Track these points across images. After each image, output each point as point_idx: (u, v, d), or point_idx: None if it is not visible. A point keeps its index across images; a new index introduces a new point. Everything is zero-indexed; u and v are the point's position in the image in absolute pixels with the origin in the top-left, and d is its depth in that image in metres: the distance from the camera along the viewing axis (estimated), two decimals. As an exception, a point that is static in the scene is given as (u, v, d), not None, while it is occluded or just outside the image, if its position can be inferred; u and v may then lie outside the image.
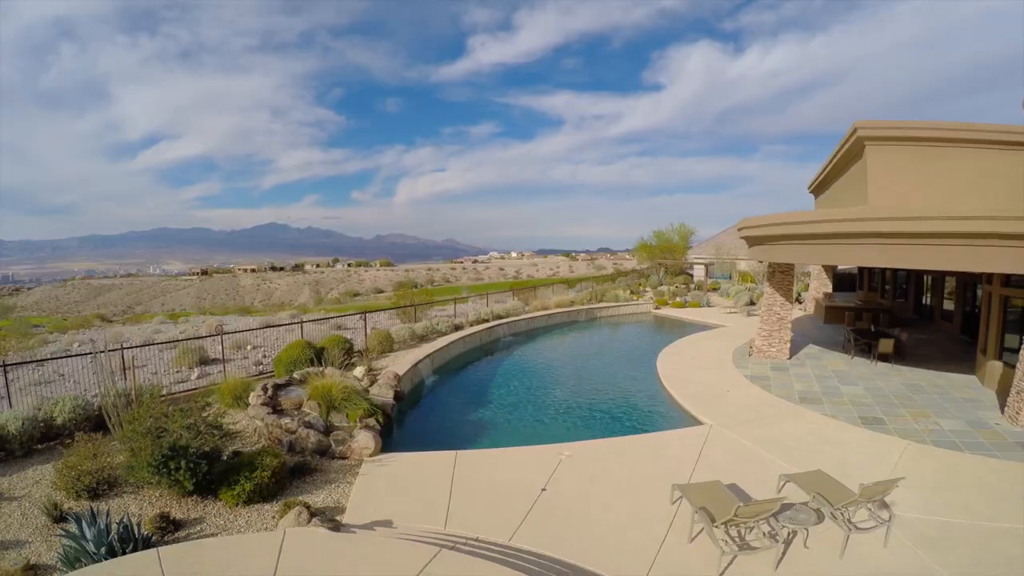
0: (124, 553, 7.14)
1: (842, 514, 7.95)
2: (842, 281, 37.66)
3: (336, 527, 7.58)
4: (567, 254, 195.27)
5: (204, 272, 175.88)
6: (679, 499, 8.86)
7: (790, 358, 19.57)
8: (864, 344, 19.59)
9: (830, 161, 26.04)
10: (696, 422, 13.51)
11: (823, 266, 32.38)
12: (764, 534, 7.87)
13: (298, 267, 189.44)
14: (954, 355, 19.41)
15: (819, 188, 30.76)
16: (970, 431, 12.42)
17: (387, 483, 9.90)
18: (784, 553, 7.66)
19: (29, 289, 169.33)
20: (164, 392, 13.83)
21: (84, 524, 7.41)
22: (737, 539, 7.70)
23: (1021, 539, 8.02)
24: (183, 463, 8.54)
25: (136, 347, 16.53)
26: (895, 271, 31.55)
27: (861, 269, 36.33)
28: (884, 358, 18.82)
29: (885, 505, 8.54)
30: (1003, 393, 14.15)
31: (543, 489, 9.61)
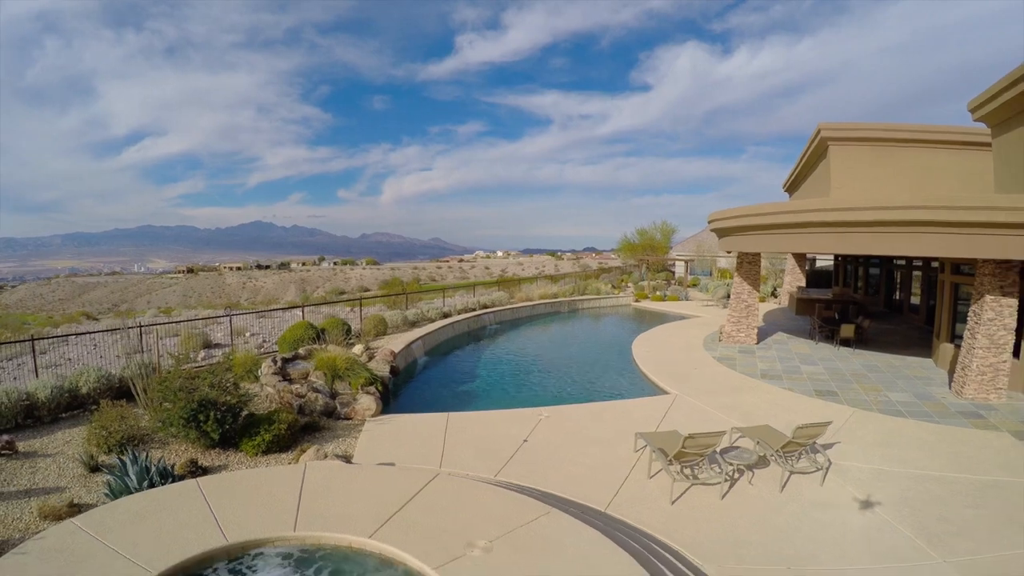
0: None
1: (781, 455, 9.31)
2: (819, 277, 39.10)
3: (348, 462, 8.85)
4: (553, 253, 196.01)
5: (190, 270, 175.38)
6: (643, 447, 10.18)
7: (758, 343, 20.94)
8: (828, 331, 20.97)
9: (800, 160, 27.58)
10: (664, 393, 14.86)
11: (796, 261, 33.89)
12: (715, 473, 9.22)
13: (284, 265, 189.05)
14: (915, 342, 20.75)
15: (792, 186, 32.34)
16: (916, 402, 13.80)
17: (388, 437, 11.19)
18: (730, 487, 9.03)
19: (12, 287, 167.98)
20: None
21: (128, 463, 8.62)
22: (690, 476, 9.04)
23: (948, 483, 9.32)
24: (211, 414, 9.76)
25: (159, 324, 17.56)
26: (867, 268, 33.13)
27: (836, 266, 37.87)
28: (846, 343, 20.21)
29: (823, 453, 9.88)
30: (954, 372, 15.47)
31: (524, 440, 10.95)
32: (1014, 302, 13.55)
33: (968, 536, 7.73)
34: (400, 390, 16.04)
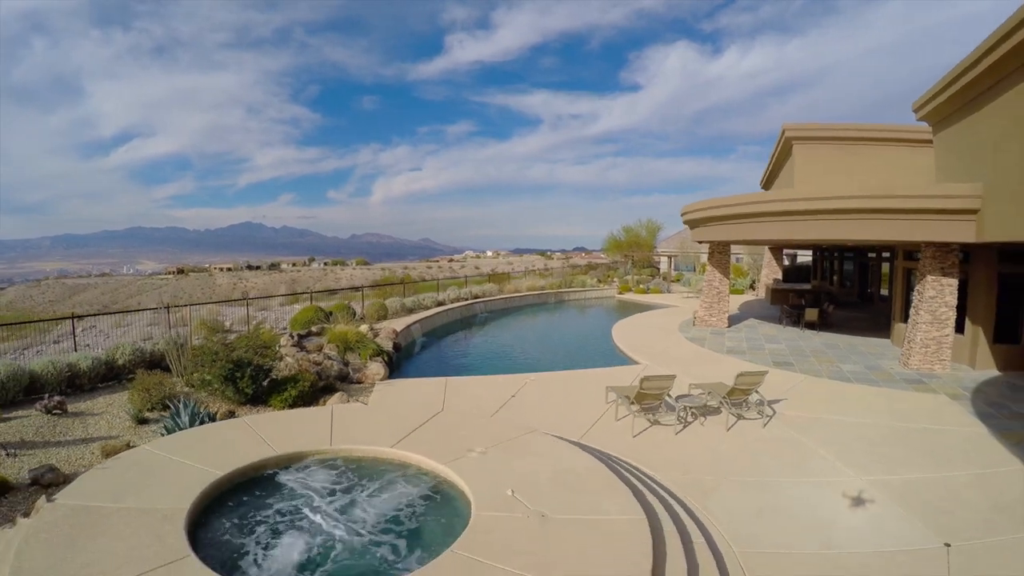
0: (210, 429, 9.95)
1: (728, 402, 11.04)
2: (799, 272, 40.85)
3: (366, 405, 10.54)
4: (543, 253, 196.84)
5: (180, 271, 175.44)
6: (613, 400, 11.85)
7: (729, 327, 22.72)
8: (795, 315, 22.71)
9: (772, 158, 29.43)
10: (636, 364, 16.58)
11: (773, 255, 35.72)
12: (671, 416, 10.94)
13: (274, 266, 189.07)
14: (880, 327, 22.39)
15: (767, 183, 34.20)
16: (865, 372, 15.53)
17: (395, 394, 12.97)
18: (684, 427, 10.85)
19: (1, 289, 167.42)
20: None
21: (180, 408, 10.23)
22: (651, 419, 10.74)
23: (878, 429, 10.95)
24: (247, 372, 11.41)
25: (192, 304, 19.08)
26: (842, 262, 35.04)
27: (815, 260, 39.72)
28: (811, 326, 21.95)
29: (768, 405, 11.58)
30: (904, 347, 17.10)
31: (512, 396, 12.74)
32: (954, 282, 15.24)
33: (885, 464, 9.33)
34: (402, 364, 17.79)
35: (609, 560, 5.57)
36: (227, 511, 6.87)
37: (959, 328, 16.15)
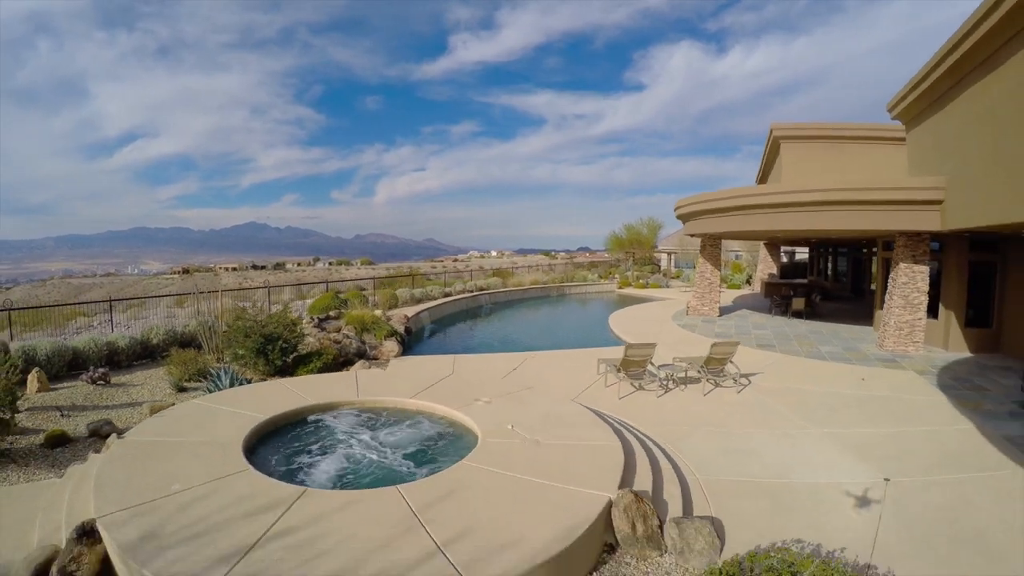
0: (247, 392, 11.28)
1: (705, 370, 12.33)
2: (796, 268, 41.99)
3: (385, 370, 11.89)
4: (547, 253, 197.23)
5: (185, 271, 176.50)
6: (604, 372, 13.14)
7: (720, 316, 23.94)
8: (784, 305, 23.87)
9: (763, 157, 30.65)
10: (629, 344, 17.86)
11: (768, 251, 36.90)
12: (654, 383, 12.24)
13: (279, 266, 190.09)
14: (865, 316, 23.47)
15: (761, 180, 35.47)
16: (842, 352, 16.65)
17: (409, 368, 14.32)
18: (666, 392, 12.21)
19: (7, 288, 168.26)
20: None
21: (221, 373, 11.57)
22: (636, 384, 12.05)
23: (842, 396, 12.11)
24: (277, 345, 12.75)
25: (228, 291, 20.37)
26: (836, 259, 36.23)
27: (811, 257, 40.88)
28: (798, 314, 23.12)
29: (744, 376, 12.85)
30: (882, 331, 18.16)
31: (514, 369, 14.09)
32: (925, 268, 16.33)
33: (840, 421, 10.54)
34: (413, 346, 19.14)
35: (588, 469, 6.93)
36: (275, 441, 8.31)
37: (934, 313, 17.24)
